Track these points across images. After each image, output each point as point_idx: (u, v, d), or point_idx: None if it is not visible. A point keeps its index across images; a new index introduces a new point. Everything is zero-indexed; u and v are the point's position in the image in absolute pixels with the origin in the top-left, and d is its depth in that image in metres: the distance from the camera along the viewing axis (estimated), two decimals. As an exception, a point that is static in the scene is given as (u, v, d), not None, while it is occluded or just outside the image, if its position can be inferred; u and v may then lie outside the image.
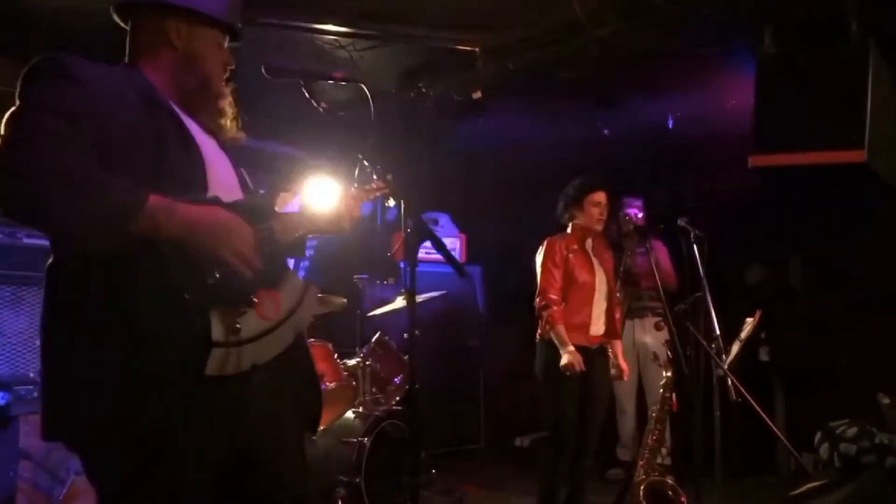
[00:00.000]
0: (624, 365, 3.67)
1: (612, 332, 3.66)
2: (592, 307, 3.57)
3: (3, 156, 1.32)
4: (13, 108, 1.37)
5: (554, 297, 3.51)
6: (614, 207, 4.26)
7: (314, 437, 3.89)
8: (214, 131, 1.71)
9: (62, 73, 1.41)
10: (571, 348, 3.39)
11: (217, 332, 1.42)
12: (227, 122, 1.74)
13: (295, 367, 1.69)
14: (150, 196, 1.35)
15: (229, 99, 1.75)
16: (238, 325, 1.46)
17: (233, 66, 1.75)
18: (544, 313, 3.50)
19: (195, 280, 1.41)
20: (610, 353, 3.66)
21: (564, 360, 3.37)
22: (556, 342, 3.44)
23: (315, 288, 1.68)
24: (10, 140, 1.33)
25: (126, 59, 1.66)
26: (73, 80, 1.40)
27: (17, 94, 1.40)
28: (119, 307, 1.37)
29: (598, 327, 3.59)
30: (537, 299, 3.57)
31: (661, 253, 4.65)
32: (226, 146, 1.74)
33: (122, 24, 1.69)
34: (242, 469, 1.56)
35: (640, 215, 4.63)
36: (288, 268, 1.67)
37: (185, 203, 1.42)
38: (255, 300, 1.50)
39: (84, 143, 1.35)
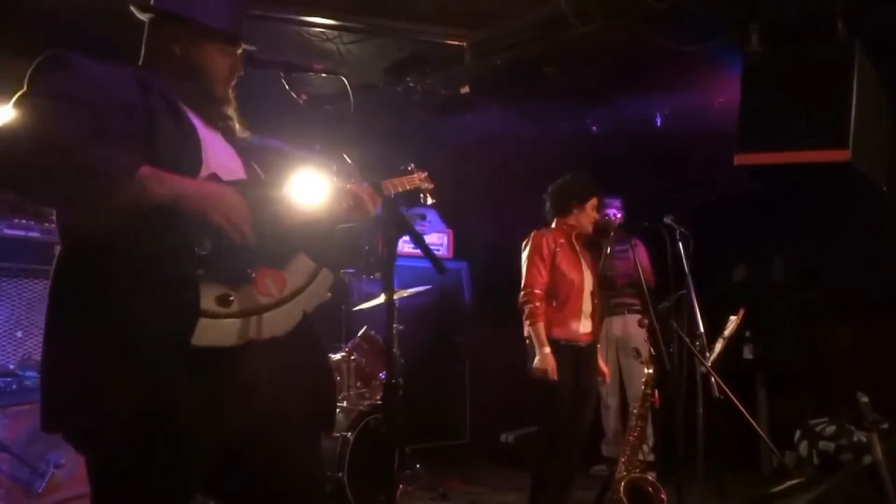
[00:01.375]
0: (605, 368, 3.65)
1: (597, 331, 3.62)
2: (582, 303, 3.51)
3: (2, 135, 1.39)
4: (20, 92, 1.47)
5: (538, 292, 3.43)
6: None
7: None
8: (220, 129, 1.72)
9: (62, 63, 1.49)
10: (547, 350, 3.33)
11: (206, 301, 1.42)
12: (233, 125, 1.75)
13: (307, 360, 1.68)
14: (141, 165, 1.40)
15: (234, 105, 1.75)
16: (231, 298, 1.45)
17: (241, 73, 1.75)
18: (526, 308, 3.43)
19: (185, 251, 1.42)
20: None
21: (537, 361, 3.32)
22: (534, 340, 3.38)
23: (328, 272, 1.66)
24: (12, 121, 1.41)
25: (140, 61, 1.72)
26: (70, 69, 1.49)
27: (25, 81, 1.49)
28: (111, 284, 1.39)
29: (587, 324, 3.53)
30: (521, 294, 3.48)
31: (640, 252, 4.68)
32: (233, 140, 1.75)
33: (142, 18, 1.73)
34: (240, 453, 1.55)
35: (619, 215, 4.65)
36: (300, 251, 1.65)
37: (176, 175, 1.45)
38: (253, 275, 1.50)
39: (78, 122, 1.42)
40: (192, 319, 1.41)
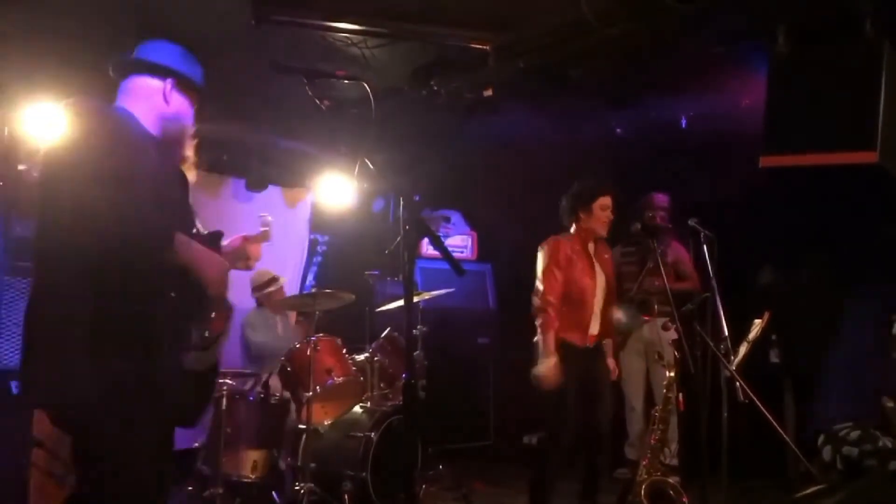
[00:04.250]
0: (612, 364, 3.70)
1: (606, 331, 3.67)
2: (592, 309, 3.57)
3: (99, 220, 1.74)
4: (81, 165, 1.77)
5: (552, 300, 3.47)
6: (643, 204, 4.50)
7: (321, 430, 3.94)
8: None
9: (112, 135, 1.80)
10: (553, 361, 3.36)
11: (195, 337, 1.94)
12: (189, 167, 2.10)
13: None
14: (175, 234, 1.82)
15: (192, 146, 2.11)
16: (207, 334, 1.97)
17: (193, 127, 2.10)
18: (540, 316, 3.48)
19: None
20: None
21: (541, 368, 3.36)
22: (540, 346, 3.42)
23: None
24: (101, 208, 1.73)
25: (118, 103, 1.98)
26: (120, 142, 1.80)
27: (70, 141, 1.79)
28: (131, 324, 1.78)
29: (594, 327, 3.60)
30: (536, 299, 3.54)
31: (681, 253, 4.68)
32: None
33: (113, 77, 2.03)
34: None
35: (665, 216, 4.67)
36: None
37: (195, 243, 1.90)
38: (212, 316, 1.99)
39: (137, 198, 1.75)
40: (186, 352, 1.91)
